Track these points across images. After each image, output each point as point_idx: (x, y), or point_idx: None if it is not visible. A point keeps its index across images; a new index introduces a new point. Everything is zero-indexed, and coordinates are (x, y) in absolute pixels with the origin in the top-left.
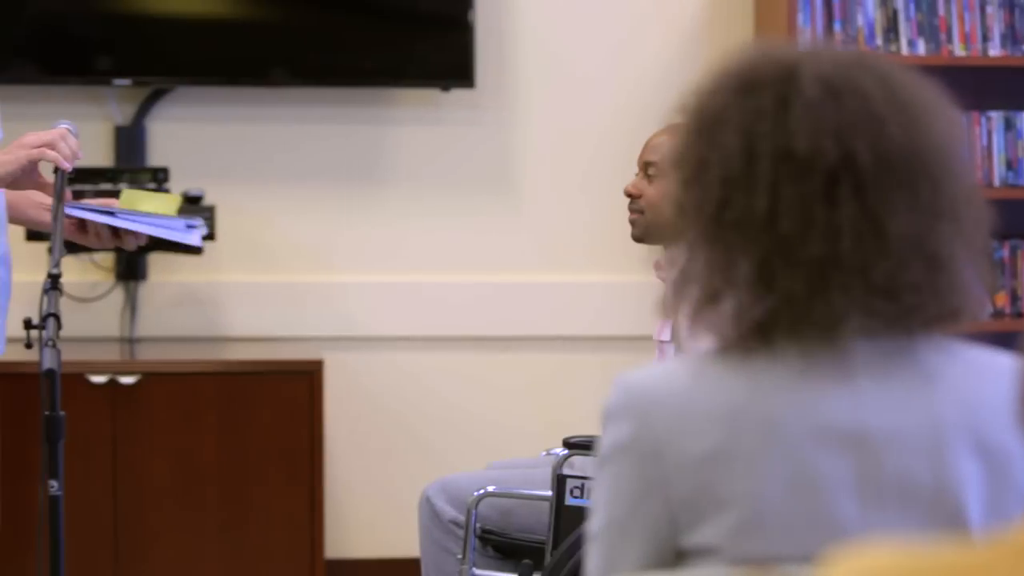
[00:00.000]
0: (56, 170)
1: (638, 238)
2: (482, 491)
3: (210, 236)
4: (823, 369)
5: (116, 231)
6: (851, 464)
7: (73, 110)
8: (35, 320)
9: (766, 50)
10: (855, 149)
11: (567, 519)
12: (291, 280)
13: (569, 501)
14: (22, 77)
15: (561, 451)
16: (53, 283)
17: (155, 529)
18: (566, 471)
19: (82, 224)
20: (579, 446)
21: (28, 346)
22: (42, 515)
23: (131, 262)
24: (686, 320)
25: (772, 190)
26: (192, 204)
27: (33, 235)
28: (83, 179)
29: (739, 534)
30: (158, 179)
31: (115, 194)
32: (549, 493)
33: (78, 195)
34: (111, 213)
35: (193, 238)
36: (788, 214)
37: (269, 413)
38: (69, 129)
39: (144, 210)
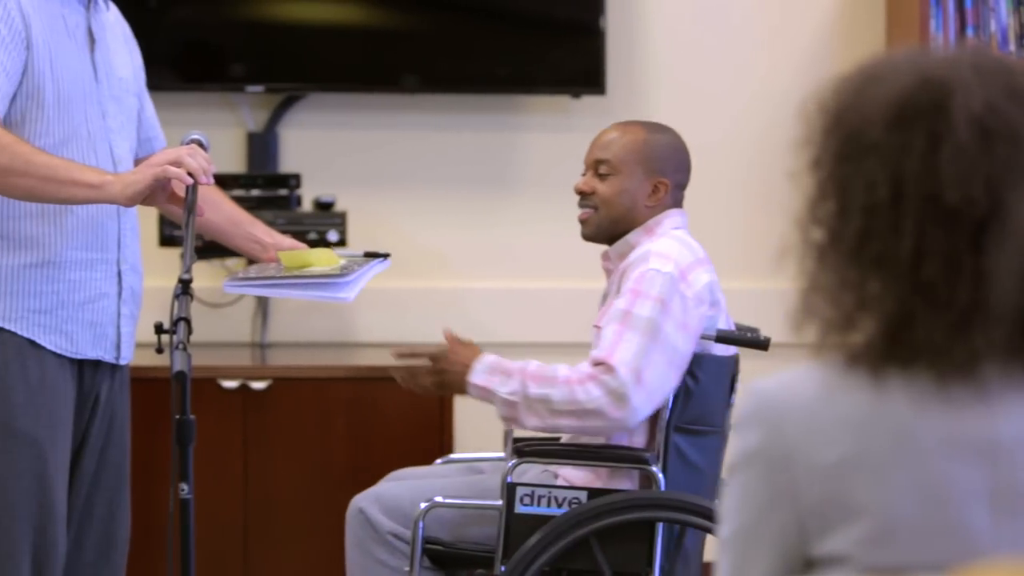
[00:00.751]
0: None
1: (589, 237)
2: (430, 502)
3: (342, 242)
4: (957, 384)
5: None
6: (983, 474)
7: (206, 117)
8: (166, 325)
9: (916, 66)
10: (1005, 199)
11: (517, 527)
12: (421, 286)
13: (519, 509)
14: (158, 84)
15: (460, 456)
16: (184, 288)
17: (285, 533)
18: (516, 478)
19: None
20: (531, 453)
21: (159, 351)
22: (172, 518)
23: None
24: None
25: (917, 232)
26: (323, 210)
27: (165, 240)
28: (216, 185)
29: (870, 543)
30: (290, 185)
31: (247, 201)
32: (498, 502)
33: None
34: (273, 283)
35: (347, 292)
36: (933, 259)
37: (399, 418)
38: (200, 140)
39: (310, 270)
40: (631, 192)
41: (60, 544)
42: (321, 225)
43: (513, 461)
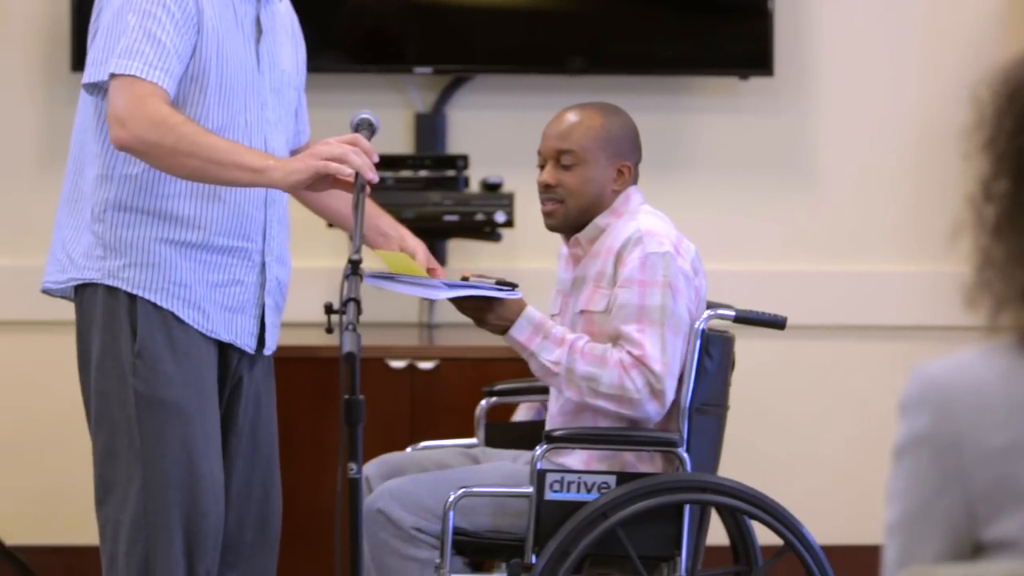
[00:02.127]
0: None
1: (556, 228)
2: (459, 492)
3: (509, 223)
4: None
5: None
6: None
7: (375, 98)
8: (336, 305)
9: None
10: None
11: (547, 514)
12: None
13: (549, 496)
14: (332, 66)
15: (431, 444)
16: (353, 268)
17: None
18: (545, 465)
19: None
20: (560, 440)
21: (329, 331)
22: (341, 497)
23: (431, 248)
24: (984, 311)
25: None
26: (491, 191)
27: None
28: (383, 166)
29: None
30: (457, 166)
31: (415, 182)
32: (528, 489)
33: (379, 184)
34: (386, 279)
35: (438, 294)
36: None
37: None
38: (370, 120)
39: (408, 272)
40: (598, 180)
41: (212, 514)
42: (488, 206)
43: (543, 447)
